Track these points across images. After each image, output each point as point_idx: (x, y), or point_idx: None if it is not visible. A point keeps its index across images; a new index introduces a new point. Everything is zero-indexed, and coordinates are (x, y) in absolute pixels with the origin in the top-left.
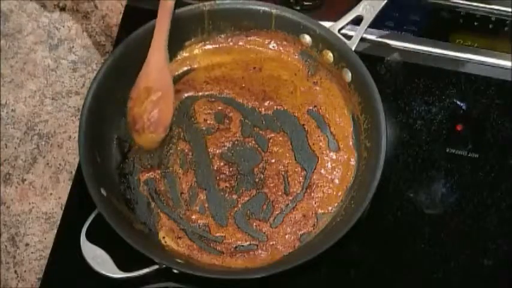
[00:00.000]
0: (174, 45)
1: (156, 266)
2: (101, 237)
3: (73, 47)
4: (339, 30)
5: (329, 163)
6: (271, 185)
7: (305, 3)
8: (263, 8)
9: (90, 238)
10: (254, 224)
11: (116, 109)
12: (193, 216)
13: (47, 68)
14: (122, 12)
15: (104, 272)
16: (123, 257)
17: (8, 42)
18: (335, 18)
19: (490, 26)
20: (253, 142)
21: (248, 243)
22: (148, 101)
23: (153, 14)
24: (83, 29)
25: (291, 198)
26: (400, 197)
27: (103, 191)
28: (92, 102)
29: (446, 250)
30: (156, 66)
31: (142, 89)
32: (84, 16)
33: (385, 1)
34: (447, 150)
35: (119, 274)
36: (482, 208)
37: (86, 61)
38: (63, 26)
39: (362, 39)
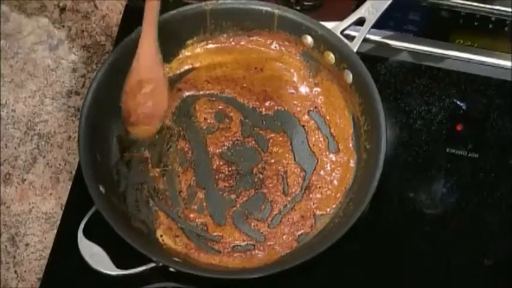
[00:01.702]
0: (176, 44)
1: (153, 264)
2: (99, 234)
3: (73, 47)
4: (341, 31)
5: (328, 164)
6: (270, 185)
7: (305, 3)
8: (265, 8)
9: (88, 235)
10: (252, 224)
11: (116, 109)
12: (192, 215)
13: (47, 68)
14: (122, 12)
15: (100, 269)
16: (120, 254)
17: (8, 42)
18: (335, 18)
19: (490, 26)
20: (253, 142)
21: (246, 243)
22: (141, 94)
23: None
24: (83, 29)
25: (289, 198)
26: (400, 197)
27: (101, 189)
28: (92, 102)
29: (446, 250)
30: (147, 59)
31: (134, 83)
32: (84, 16)
33: (389, 3)
34: (447, 150)
35: (116, 271)
36: (482, 208)
37: (86, 61)
38: (63, 26)
39: (362, 40)
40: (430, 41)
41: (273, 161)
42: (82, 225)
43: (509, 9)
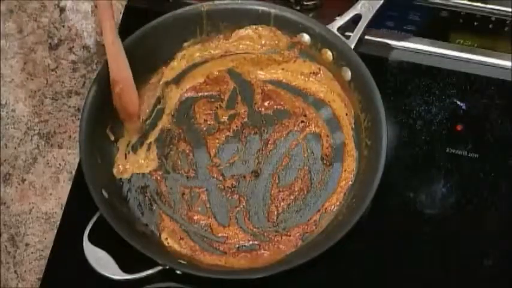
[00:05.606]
0: (173, 46)
1: (159, 267)
2: (103, 239)
3: (73, 47)
4: (338, 29)
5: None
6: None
7: (305, 3)
8: (261, 8)
9: (93, 240)
10: (256, 223)
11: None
12: (195, 217)
13: (47, 68)
14: (122, 12)
15: (107, 274)
16: (126, 258)
17: (8, 42)
18: (335, 17)
19: (490, 26)
20: (254, 142)
21: (251, 242)
22: (114, 94)
23: (153, 14)
24: (83, 29)
25: (292, 197)
26: (400, 197)
27: (104, 193)
28: (92, 102)
29: (446, 250)
30: (113, 58)
31: (111, 82)
32: (84, 16)
33: None
34: (447, 150)
35: (122, 276)
36: (482, 208)
37: (85, 61)
38: (63, 26)
39: (362, 39)
40: (430, 41)
41: (274, 160)
42: (87, 231)
43: (509, 9)
